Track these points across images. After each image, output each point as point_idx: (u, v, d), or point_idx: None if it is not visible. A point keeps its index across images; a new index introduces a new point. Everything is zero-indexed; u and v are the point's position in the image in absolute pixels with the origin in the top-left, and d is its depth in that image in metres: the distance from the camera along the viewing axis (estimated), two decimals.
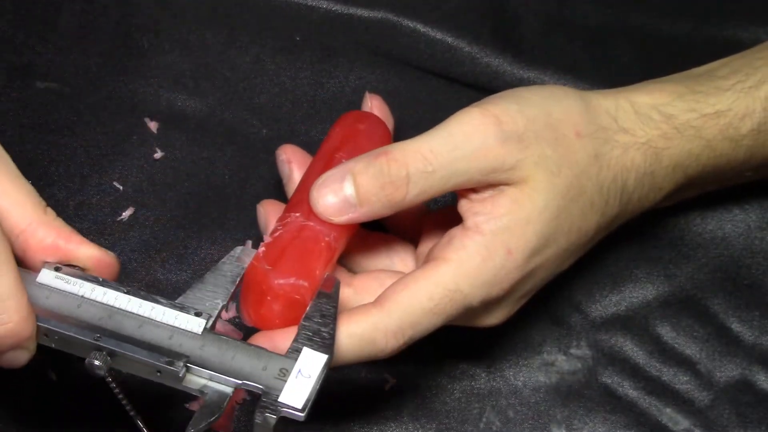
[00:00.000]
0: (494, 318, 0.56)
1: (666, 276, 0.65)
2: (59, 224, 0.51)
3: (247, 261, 0.52)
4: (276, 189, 0.65)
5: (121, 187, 0.66)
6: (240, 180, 0.66)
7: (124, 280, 0.64)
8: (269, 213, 0.57)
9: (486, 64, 0.69)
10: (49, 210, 0.51)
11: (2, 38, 0.69)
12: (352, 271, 0.59)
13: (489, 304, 0.55)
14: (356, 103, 0.68)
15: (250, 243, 0.64)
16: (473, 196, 0.54)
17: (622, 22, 0.71)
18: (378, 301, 0.52)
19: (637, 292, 0.65)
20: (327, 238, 0.53)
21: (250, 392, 0.61)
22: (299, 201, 0.54)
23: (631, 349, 0.63)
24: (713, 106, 0.57)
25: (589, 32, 0.70)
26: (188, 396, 0.61)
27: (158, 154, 0.67)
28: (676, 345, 0.63)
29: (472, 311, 0.54)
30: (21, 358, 0.50)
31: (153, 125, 0.67)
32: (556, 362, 0.63)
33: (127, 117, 0.67)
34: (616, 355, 0.63)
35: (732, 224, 0.66)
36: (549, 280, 0.57)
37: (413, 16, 0.69)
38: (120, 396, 0.61)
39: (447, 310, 0.53)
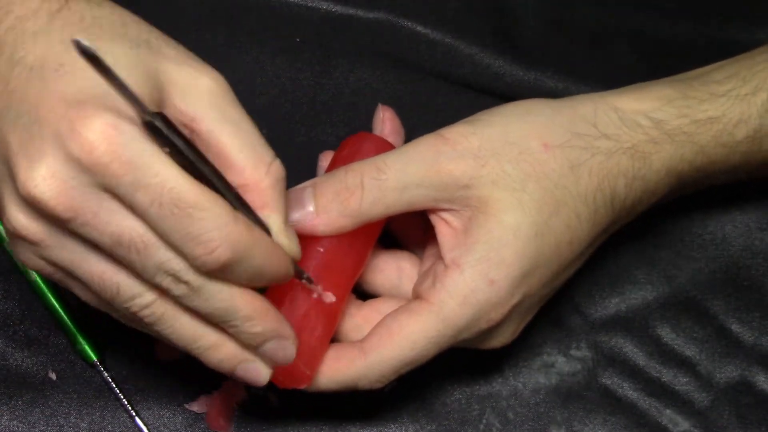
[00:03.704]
0: (497, 341, 0.56)
1: (666, 277, 0.65)
2: (271, 195, 0.48)
3: None
4: None
5: None
6: None
7: None
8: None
9: (486, 65, 0.69)
10: (274, 169, 0.48)
11: None
12: (362, 289, 0.59)
13: (484, 333, 0.55)
14: (356, 104, 0.68)
15: None
16: (447, 230, 0.54)
17: (623, 23, 0.71)
18: (363, 347, 0.53)
19: (637, 294, 0.64)
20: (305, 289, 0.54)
21: (250, 392, 0.61)
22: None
23: (631, 350, 0.63)
24: (705, 112, 0.56)
25: (590, 34, 0.70)
26: (188, 396, 0.62)
27: None
28: (676, 346, 0.63)
29: (466, 341, 0.55)
30: (284, 352, 0.49)
31: None
32: (556, 363, 0.63)
33: None
34: (616, 356, 0.63)
35: (732, 225, 0.66)
36: (551, 295, 0.57)
37: (413, 17, 0.69)
38: (120, 396, 0.61)
39: (430, 353, 0.54)
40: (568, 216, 0.54)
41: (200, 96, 0.48)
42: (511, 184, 0.53)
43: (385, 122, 0.62)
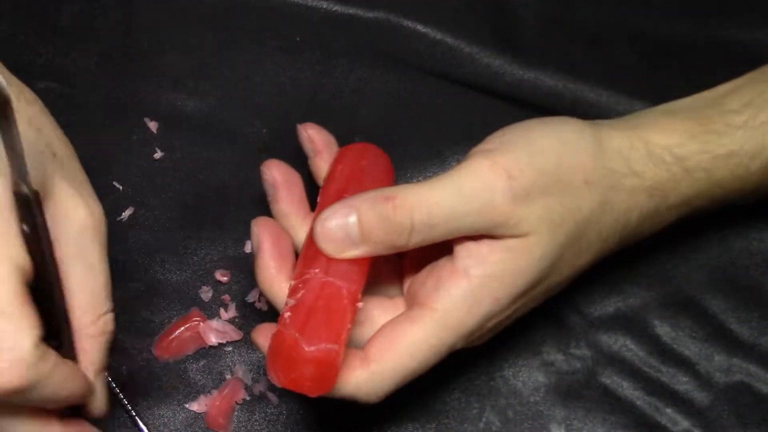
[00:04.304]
0: (477, 342, 0.57)
1: (665, 276, 0.65)
2: (91, 347, 0.50)
3: None
4: None
5: (120, 187, 0.66)
6: (240, 180, 0.66)
7: (124, 280, 0.64)
8: (262, 233, 0.56)
9: (486, 64, 0.69)
10: (102, 322, 0.50)
11: (2, 38, 0.69)
12: None
13: (471, 340, 0.55)
14: (356, 104, 0.68)
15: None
16: (469, 237, 0.53)
17: (622, 22, 0.71)
18: (365, 358, 0.53)
19: (636, 293, 0.65)
20: (348, 293, 0.52)
21: (250, 392, 0.61)
22: (315, 254, 0.53)
23: (631, 349, 0.63)
24: (725, 146, 0.56)
25: (589, 33, 0.70)
26: (188, 396, 0.62)
27: (158, 154, 0.67)
28: (675, 345, 0.63)
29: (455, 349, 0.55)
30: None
31: (153, 125, 0.67)
32: (555, 362, 0.63)
33: (127, 117, 0.67)
34: (615, 355, 0.63)
35: (730, 225, 0.66)
36: (535, 307, 0.57)
37: (413, 17, 0.69)
38: (120, 396, 0.61)
39: (430, 362, 0.53)
40: (581, 245, 0.54)
41: (69, 223, 0.49)
42: (555, 220, 0.52)
43: (313, 140, 0.60)
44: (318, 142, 0.60)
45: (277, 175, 0.58)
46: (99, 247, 0.50)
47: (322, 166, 0.60)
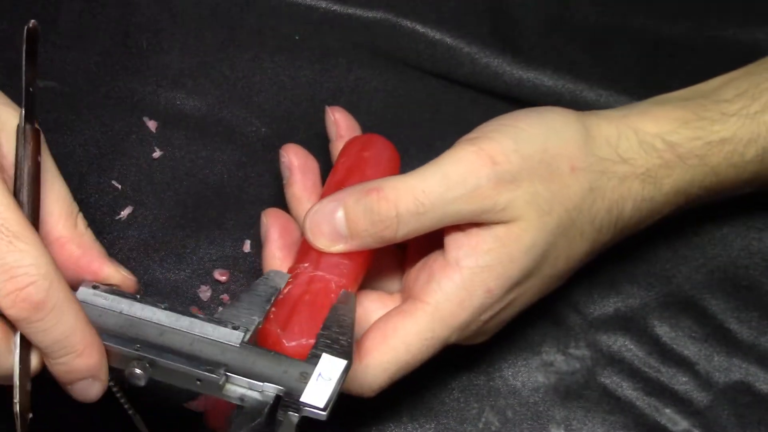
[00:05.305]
0: (479, 339, 0.57)
1: (664, 276, 0.65)
2: (87, 241, 0.49)
3: (281, 283, 0.53)
4: (274, 189, 0.65)
5: (119, 186, 0.66)
6: (239, 179, 0.66)
7: None
8: (271, 223, 0.56)
9: (485, 64, 0.69)
10: (80, 220, 0.49)
11: (2, 38, 0.69)
12: None
13: (472, 334, 0.55)
14: (355, 103, 0.68)
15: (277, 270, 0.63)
16: (458, 227, 0.53)
17: (622, 22, 0.71)
18: (358, 351, 0.53)
19: (636, 293, 0.64)
20: (337, 287, 0.53)
21: None
22: (307, 249, 0.54)
23: (630, 349, 0.63)
24: (718, 133, 0.56)
25: (589, 32, 0.71)
26: (188, 396, 0.61)
27: (157, 153, 0.67)
28: (674, 346, 0.63)
29: (454, 341, 0.55)
30: (92, 390, 0.49)
31: (152, 124, 0.67)
32: (554, 362, 0.63)
33: (126, 116, 0.67)
34: (614, 355, 0.63)
35: (730, 225, 0.66)
36: (533, 303, 0.57)
37: (413, 17, 0.69)
38: (120, 395, 0.61)
39: (424, 356, 0.53)
40: (573, 234, 0.54)
41: (11, 135, 0.48)
42: (542, 206, 0.53)
43: (339, 124, 0.61)
44: (342, 127, 0.61)
45: (294, 159, 0.59)
46: (45, 150, 0.49)
47: None
